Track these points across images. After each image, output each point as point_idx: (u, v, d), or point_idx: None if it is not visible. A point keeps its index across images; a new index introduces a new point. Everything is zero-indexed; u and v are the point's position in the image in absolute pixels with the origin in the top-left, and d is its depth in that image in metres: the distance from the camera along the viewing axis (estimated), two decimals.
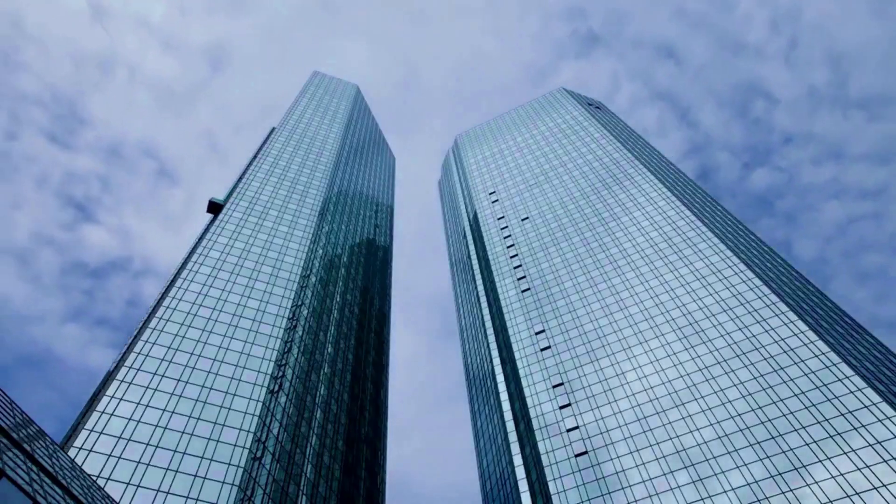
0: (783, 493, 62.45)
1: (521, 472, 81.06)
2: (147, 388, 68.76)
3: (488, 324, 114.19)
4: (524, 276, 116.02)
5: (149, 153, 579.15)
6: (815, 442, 65.49)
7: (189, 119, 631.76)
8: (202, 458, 63.25)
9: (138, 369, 70.62)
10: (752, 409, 72.12)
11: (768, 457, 66.38)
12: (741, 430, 70.55)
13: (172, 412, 67.07)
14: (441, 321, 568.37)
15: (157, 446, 62.52)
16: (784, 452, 66.02)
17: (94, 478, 56.35)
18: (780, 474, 64.19)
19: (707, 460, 69.38)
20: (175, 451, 62.86)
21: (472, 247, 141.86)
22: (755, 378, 75.56)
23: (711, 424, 72.97)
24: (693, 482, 67.91)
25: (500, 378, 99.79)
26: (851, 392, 68.37)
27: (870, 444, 62.66)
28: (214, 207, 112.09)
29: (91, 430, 61.36)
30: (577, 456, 77.25)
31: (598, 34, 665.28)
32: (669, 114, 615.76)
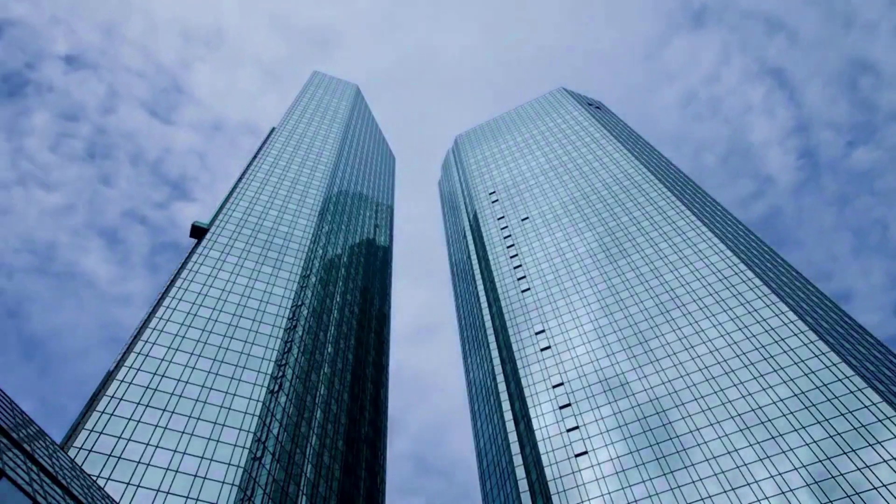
0: (783, 493, 62.45)
1: (521, 472, 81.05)
2: (147, 388, 68.75)
3: (488, 324, 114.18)
4: (524, 276, 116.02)
5: (251, 132, 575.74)
6: (814, 442, 65.50)
7: (290, 100, 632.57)
8: (202, 458, 63.25)
9: (138, 369, 70.62)
10: (752, 410, 72.12)
11: (768, 456, 66.39)
12: (741, 431, 70.55)
13: (172, 412, 67.07)
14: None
15: (157, 446, 62.51)
16: (784, 452, 66.03)
17: (94, 478, 56.34)
18: (780, 474, 64.20)
19: (707, 460, 69.38)
20: (175, 451, 62.85)
21: (472, 247, 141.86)
22: (755, 378, 75.56)
23: (711, 424, 72.97)
24: (693, 482, 67.92)
25: (500, 378, 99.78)
26: (851, 392, 68.38)
27: (870, 445, 62.67)
28: (197, 232, 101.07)
29: (91, 430, 61.36)
30: (576, 456, 77.25)
31: (708, 5, 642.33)
32: (777, 91, 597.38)
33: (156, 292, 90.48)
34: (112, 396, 66.05)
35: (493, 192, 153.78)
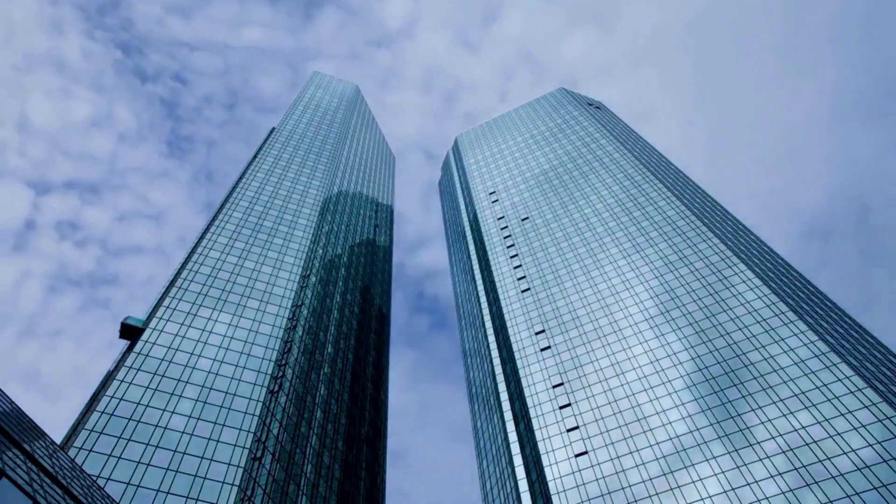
0: (783, 493, 62.47)
1: (521, 472, 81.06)
2: (147, 388, 68.77)
3: (488, 324, 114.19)
4: (524, 276, 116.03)
5: None
6: (815, 442, 65.51)
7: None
8: (202, 458, 63.26)
9: (138, 369, 70.64)
10: (752, 410, 72.14)
11: (768, 456, 66.40)
12: (741, 431, 70.56)
13: (172, 412, 67.09)
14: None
15: (157, 446, 62.53)
16: (784, 452, 66.03)
17: (94, 478, 56.34)
18: (780, 474, 64.21)
19: (707, 460, 69.40)
20: (175, 451, 62.87)
21: (472, 247, 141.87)
22: (755, 378, 75.57)
23: (711, 424, 72.98)
24: (693, 482, 67.93)
25: (500, 378, 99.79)
26: (851, 392, 68.39)
27: (870, 445, 62.67)
28: (128, 332, 77.84)
29: (91, 430, 61.38)
30: (577, 456, 77.26)
31: None
32: None
33: (156, 292, 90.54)
34: (112, 396, 66.07)
35: (493, 192, 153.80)
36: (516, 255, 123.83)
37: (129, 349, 74.87)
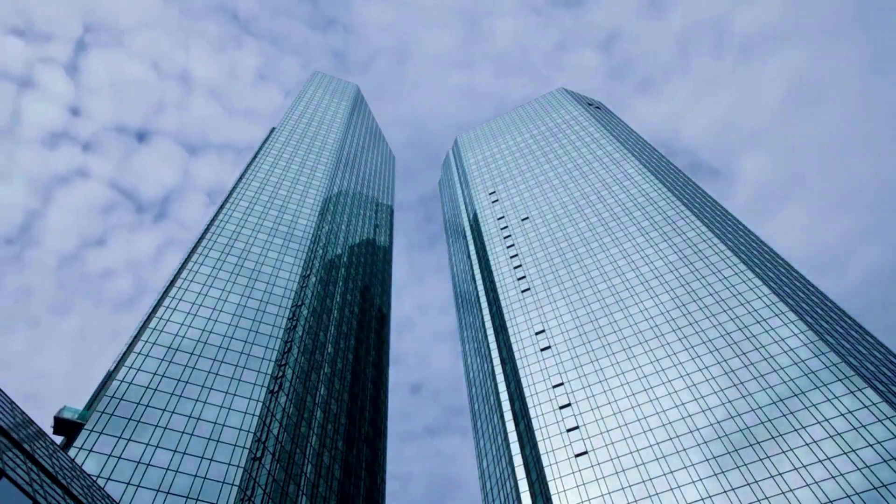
0: (783, 493, 62.46)
1: (521, 472, 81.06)
2: (147, 387, 68.78)
3: (488, 324, 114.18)
4: (524, 276, 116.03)
5: None
6: (815, 442, 65.49)
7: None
8: (202, 458, 63.26)
9: (139, 369, 70.64)
10: (752, 410, 72.13)
11: (768, 457, 66.40)
12: (741, 430, 70.56)
13: (172, 412, 67.09)
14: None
15: (157, 446, 62.52)
16: (784, 452, 66.03)
17: (94, 478, 56.33)
18: (780, 474, 64.21)
19: (707, 460, 69.40)
20: (175, 451, 62.86)
21: (472, 247, 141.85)
22: (755, 378, 75.57)
23: (711, 424, 72.98)
24: (693, 482, 67.93)
25: (500, 378, 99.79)
26: (851, 392, 68.38)
27: (870, 444, 62.67)
28: (64, 427, 62.85)
29: (91, 430, 61.36)
30: (577, 456, 77.25)
31: None
32: None
33: (156, 292, 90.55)
34: (112, 396, 66.06)
35: (493, 192, 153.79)
36: (516, 255, 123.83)
37: (129, 348, 74.91)
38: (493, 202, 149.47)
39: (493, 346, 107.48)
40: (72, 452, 58.52)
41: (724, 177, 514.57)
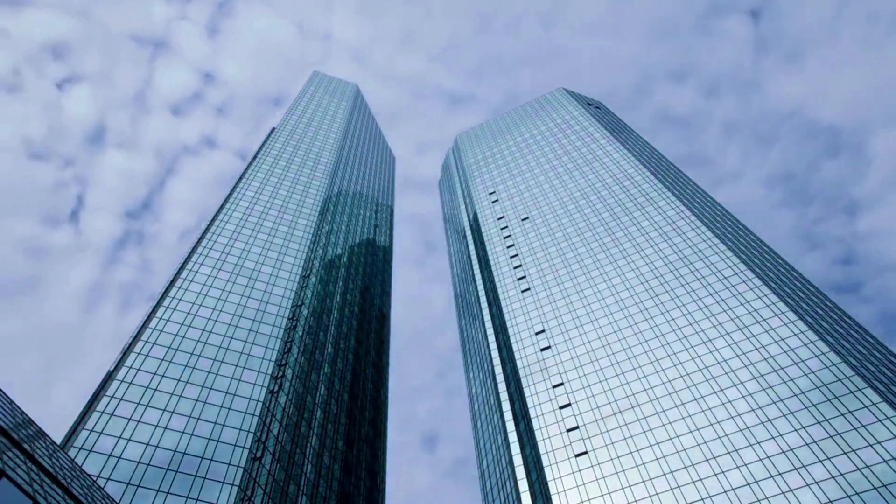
0: (783, 493, 62.45)
1: (521, 472, 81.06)
2: (147, 388, 68.76)
3: (488, 324, 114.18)
4: (524, 276, 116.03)
5: None
6: (815, 442, 65.49)
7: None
8: (202, 458, 63.25)
9: (138, 369, 70.63)
10: (752, 410, 72.12)
11: (768, 457, 66.38)
12: (741, 430, 70.55)
13: (172, 412, 67.08)
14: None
15: (157, 446, 62.52)
16: (784, 452, 66.03)
17: (94, 478, 56.33)
18: (780, 474, 64.20)
19: (707, 460, 69.39)
20: (175, 451, 62.86)
21: (472, 247, 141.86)
22: (755, 378, 75.57)
23: (711, 424, 72.97)
24: (693, 482, 67.92)
25: (501, 378, 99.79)
26: (851, 392, 68.37)
27: (870, 445, 62.66)
28: None
29: (91, 430, 61.37)
30: (577, 456, 77.25)
31: None
32: None
33: (156, 292, 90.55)
34: (112, 396, 66.05)
35: (493, 192, 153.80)
36: (516, 255, 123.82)
37: (129, 348, 74.92)
38: (493, 202, 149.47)
39: (493, 346, 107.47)
40: (72, 452, 58.52)
41: (862, 154, 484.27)
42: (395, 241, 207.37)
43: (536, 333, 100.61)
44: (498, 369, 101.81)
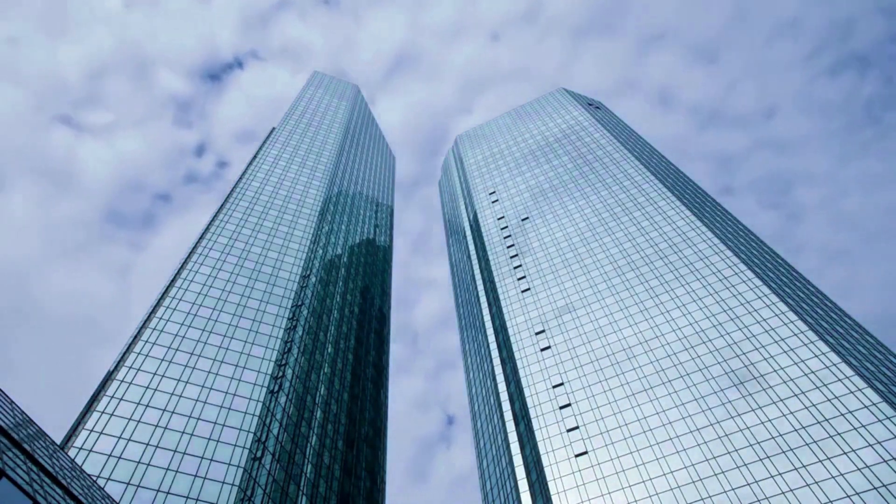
0: (783, 493, 62.46)
1: (521, 472, 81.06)
2: (147, 388, 68.76)
3: (488, 324, 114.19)
4: (524, 276, 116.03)
5: None
6: (815, 442, 65.50)
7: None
8: (202, 458, 63.26)
9: (138, 369, 70.63)
10: (752, 410, 72.12)
11: (768, 457, 66.40)
12: (741, 431, 70.56)
13: (172, 412, 67.08)
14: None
15: (157, 446, 62.52)
16: (784, 452, 66.03)
17: (94, 478, 56.34)
18: (780, 474, 64.21)
19: (707, 460, 69.39)
20: (175, 451, 62.86)
21: (472, 247, 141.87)
22: (755, 378, 75.56)
23: (711, 424, 72.98)
24: (693, 482, 67.92)
25: (500, 378, 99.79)
26: (851, 392, 68.38)
27: (870, 445, 62.67)
28: None
29: (91, 430, 61.37)
30: (577, 456, 77.26)
31: None
32: None
33: (156, 292, 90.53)
34: (112, 396, 66.06)
35: (493, 192, 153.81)
36: (516, 255, 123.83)
37: (129, 348, 74.91)
38: (493, 202, 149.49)
39: (493, 346, 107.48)
40: (72, 452, 58.52)
41: None
42: (395, 241, 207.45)
43: (536, 333, 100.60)
44: (498, 369, 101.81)
